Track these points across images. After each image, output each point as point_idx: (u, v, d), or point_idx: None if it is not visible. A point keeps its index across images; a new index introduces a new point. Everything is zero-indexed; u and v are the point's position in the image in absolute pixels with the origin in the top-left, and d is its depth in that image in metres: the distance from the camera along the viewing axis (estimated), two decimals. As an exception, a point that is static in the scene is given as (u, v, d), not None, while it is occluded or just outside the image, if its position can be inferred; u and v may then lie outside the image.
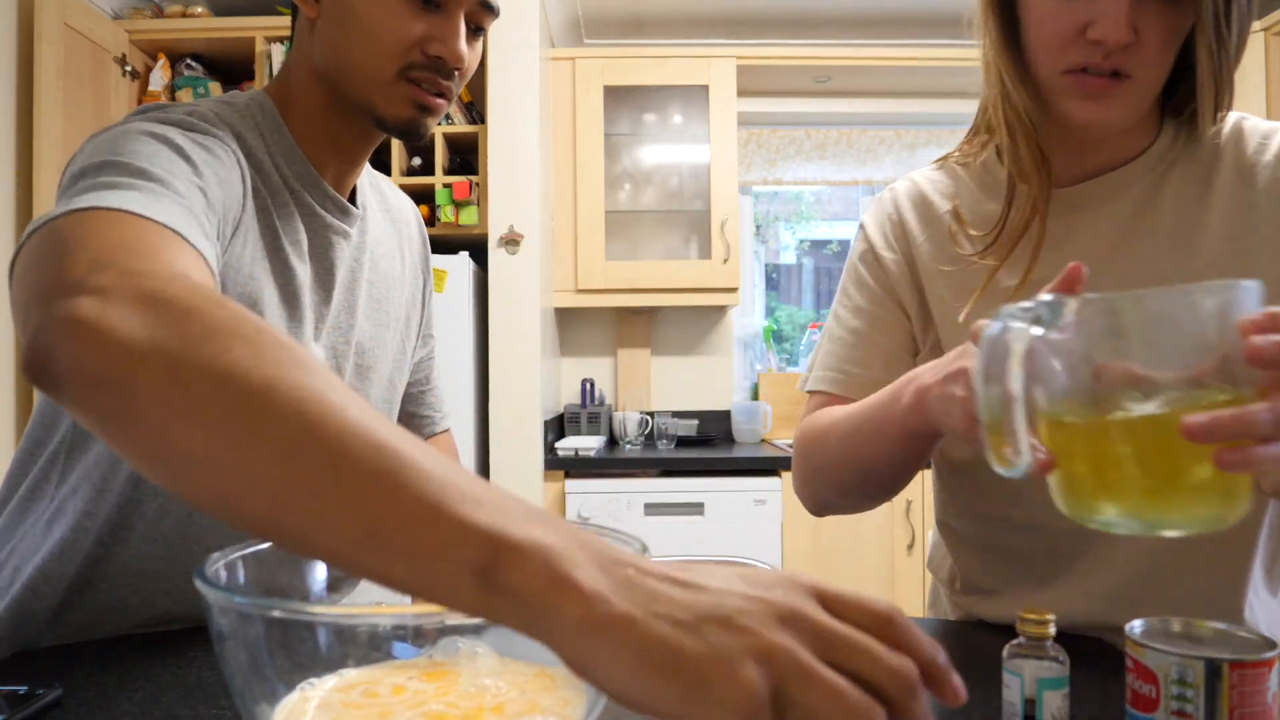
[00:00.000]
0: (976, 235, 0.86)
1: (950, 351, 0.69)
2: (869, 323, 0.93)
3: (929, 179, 0.94)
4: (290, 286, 0.82)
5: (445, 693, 0.52)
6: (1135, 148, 0.83)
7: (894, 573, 2.62)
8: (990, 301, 0.83)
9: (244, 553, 0.59)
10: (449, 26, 0.80)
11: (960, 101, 3.32)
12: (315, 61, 0.84)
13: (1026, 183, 0.82)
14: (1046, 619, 0.56)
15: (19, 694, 0.65)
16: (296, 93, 0.86)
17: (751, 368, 3.36)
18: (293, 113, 0.85)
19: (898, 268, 0.91)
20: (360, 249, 0.91)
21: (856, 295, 0.95)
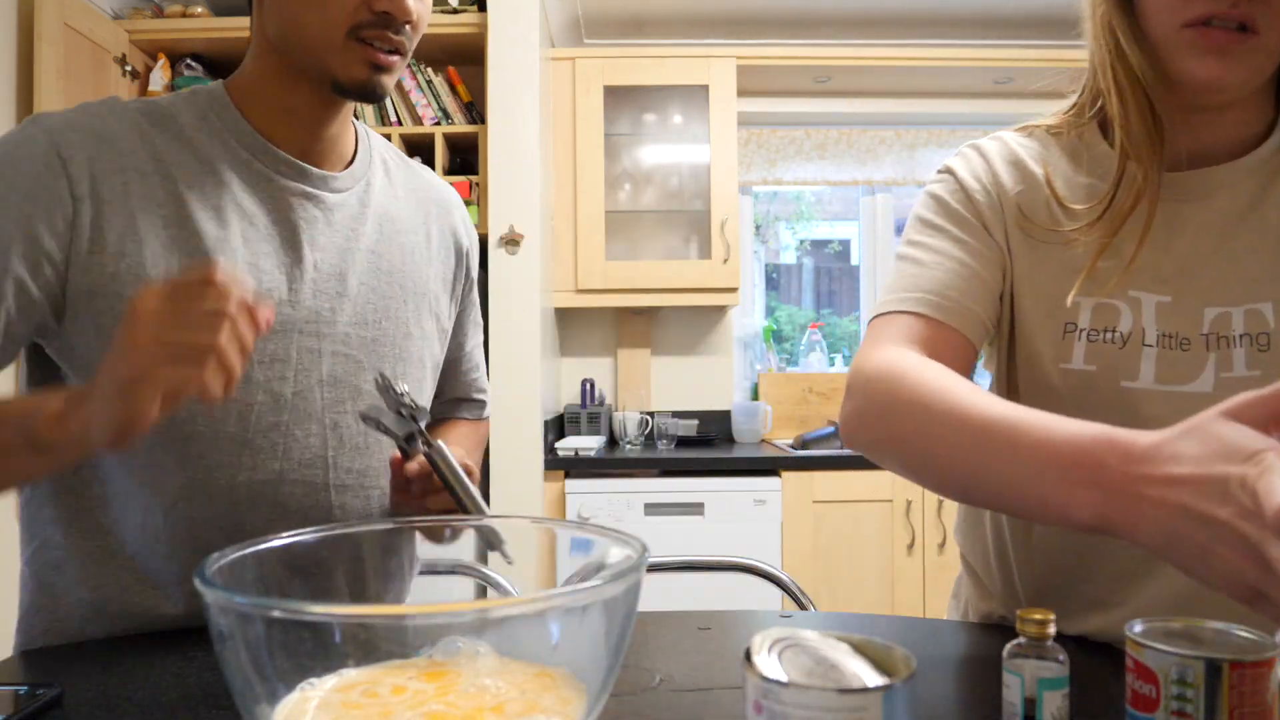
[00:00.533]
0: (1078, 209, 0.79)
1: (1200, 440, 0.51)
2: (967, 252, 0.81)
3: (1018, 141, 0.88)
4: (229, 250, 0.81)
5: (445, 693, 0.52)
6: (1245, 135, 0.78)
7: (894, 573, 2.62)
8: (1095, 283, 0.78)
9: (244, 553, 0.59)
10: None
11: (960, 101, 3.32)
12: (268, 33, 0.84)
13: (1137, 157, 0.75)
14: (1047, 619, 0.56)
15: (19, 693, 0.65)
16: (250, 71, 0.86)
17: (751, 368, 3.36)
18: (245, 91, 0.86)
19: (992, 211, 0.83)
20: (354, 215, 0.90)
21: (948, 225, 0.83)
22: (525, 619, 0.51)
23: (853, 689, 0.41)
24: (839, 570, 2.61)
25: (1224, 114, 0.77)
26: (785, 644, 0.46)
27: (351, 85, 0.82)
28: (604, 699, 0.53)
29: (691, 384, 3.29)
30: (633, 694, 0.69)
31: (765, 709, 0.42)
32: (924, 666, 0.75)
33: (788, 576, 1.25)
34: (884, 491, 2.62)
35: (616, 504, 2.56)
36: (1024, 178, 0.84)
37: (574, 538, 0.65)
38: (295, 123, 0.86)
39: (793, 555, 2.59)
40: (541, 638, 0.53)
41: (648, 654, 0.80)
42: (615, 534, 0.61)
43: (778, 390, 3.24)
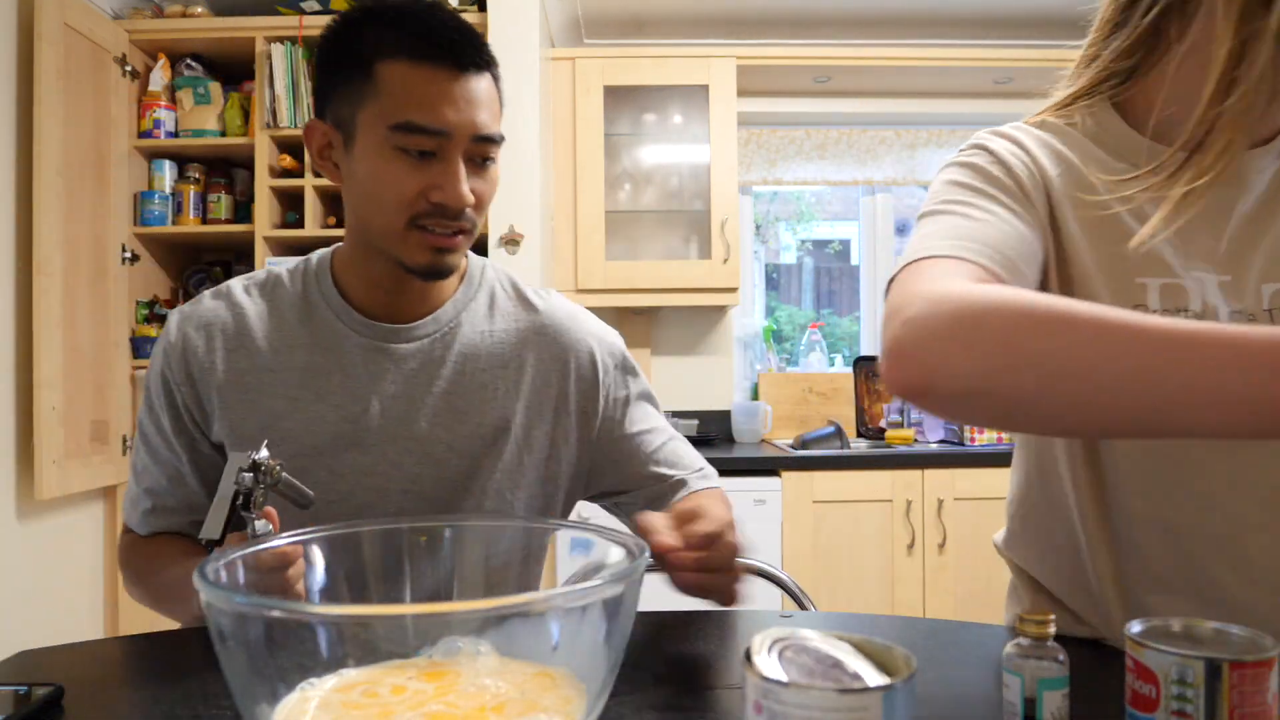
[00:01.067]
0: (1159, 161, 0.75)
1: None
2: (1016, 216, 0.75)
3: (1035, 132, 0.84)
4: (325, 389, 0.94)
5: (445, 693, 0.52)
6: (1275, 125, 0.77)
7: (894, 573, 2.62)
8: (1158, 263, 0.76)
9: (244, 553, 0.59)
10: (447, 173, 0.86)
11: (960, 101, 3.32)
12: (349, 220, 0.95)
13: (1234, 123, 0.70)
14: (1047, 619, 0.56)
15: (19, 693, 0.65)
16: (345, 244, 0.98)
17: (751, 368, 3.36)
18: (342, 262, 0.98)
19: (1033, 185, 0.78)
20: (428, 361, 0.97)
21: (991, 189, 0.76)
22: (525, 619, 0.52)
23: (853, 689, 0.41)
24: (839, 570, 2.61)
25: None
26: (785, 644, 0.46)
27: (416, 268, 0.90)
28: (604, 699, 0.53)
29: (691, 384, 3.29)
30: (633, 694, 0.69)
31: (765, 709, 0.42)
32: (924, 666, 0.75)
33: (788, 576, 1.25)
34: (884, 491, 2.62)
35: (616, 504, 2.56)
36: (1060, 159, 0.80)
37: (574, 538, 0.65)
38: (379, 290, 0.96)
39: (793, 555, 2.59)
40: (541, 638, 0.53)
41: (648, 654, 0.80)
42: (615, 534, 0.61)
43: (778, 390, 3.24)
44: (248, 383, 0.94)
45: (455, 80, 0.86)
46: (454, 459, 0.96)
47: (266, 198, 2.60)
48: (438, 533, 0.71)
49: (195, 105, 2.66)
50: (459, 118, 0.85)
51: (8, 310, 2.19)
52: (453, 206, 0.86)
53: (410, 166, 0.86)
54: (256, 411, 0.94)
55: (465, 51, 0.86)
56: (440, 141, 0.86)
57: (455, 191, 0.86)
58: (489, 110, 0.88)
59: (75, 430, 2.28)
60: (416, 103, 0.85)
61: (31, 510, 2.23)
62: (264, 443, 0.79)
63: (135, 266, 2.60)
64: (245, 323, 0.96)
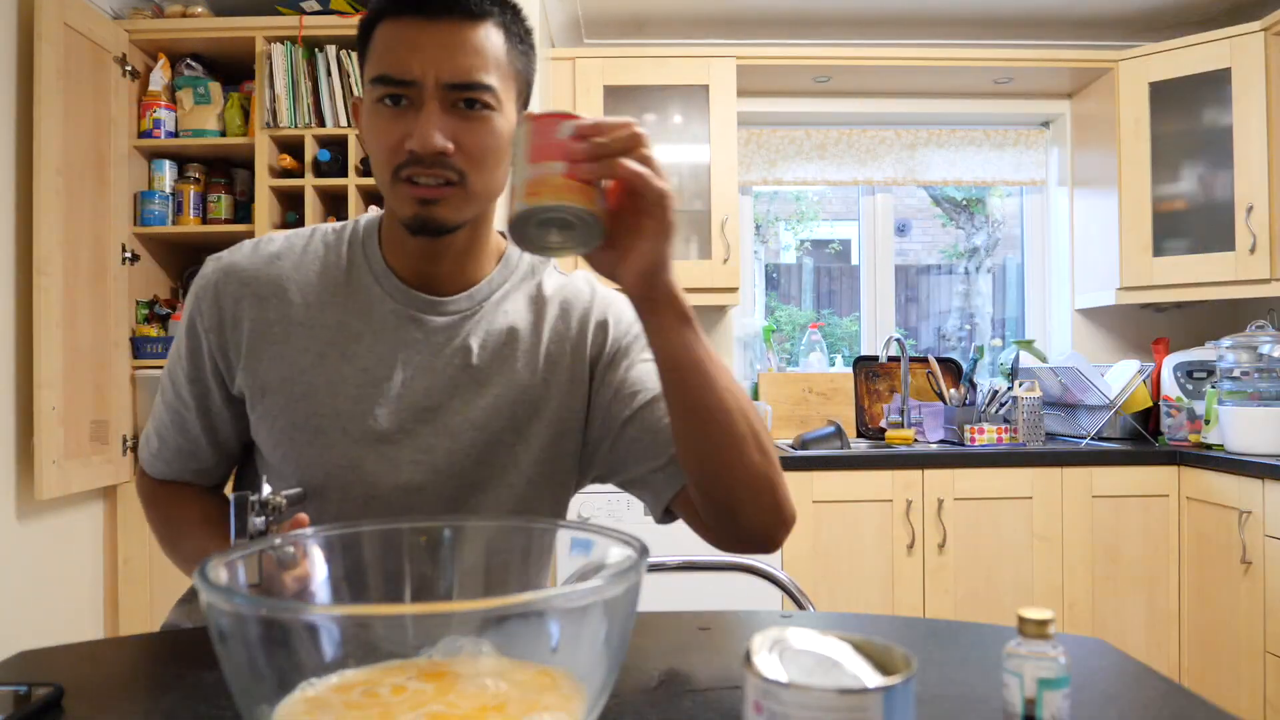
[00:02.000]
0: None
1: None
2: None
3: None
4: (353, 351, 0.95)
5: (445, 693, 0.52)
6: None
7: (894, 573, 2.62)
8: None
9: (244, 553, 0.59)
10: (419, 118, 0.85)
11: (960, 101, 3.32)
12: None
13: None
14: (1046, 619, 0.56)
15: (19, 693, 0.65)
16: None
17: (751, 368, 3.36)
18: (385, 224, 0.99)
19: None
20: (455, 335, 0.97)
21: None
22: (525, 619, 0.51)
23: (853, 689, 0.41)
24: (839, 570, 2.61)
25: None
26: (785, 644, 0.46)
27: (405, 222, 0.90)
28: (604, 699, 0.53)
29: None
30: (633, 694, 0.69)
31: (765, 709, 0.42)
32: (924, 666, 0.75)
33: (787, 576, 1.25)
34: (884, 491, 2.62)
35: (616, 504, 2.56)
36: None
37: (574, 538, 0.65)
38: (406, 254, 0.96)
39: (793, 555, 2.59)
40: (541, 638, 0.53)
41: (648, 654, 0.80)
42: (615, 534, 0.61)
43: (777, 390, 3.24)
44: (275, 334, 0.95)
45: (424, 29, 0.86)
46: (469, 432, 0.96)
47: (266, 198, 2.60)
48: (437, 533, 0.71)
49: (195, 105, 2.66)
50: (425, 64, 0.85)
51: (8, 310, 2.19)
52: (421, 152, 0.85)
53: (390, 117, 0.87)
54: (281, 363, 0.94)
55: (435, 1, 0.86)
56: (412, 90, 0.86)
57: (422, 136, 0.84)
58: (472, 57, 0.86)
59: (75, 430, 2.28)
60: (388, 54, 0.86)
61: (31, 510, 2.23)
62: (264, 479, 0.80)
63: (135, 266, 2.60)
64: (280, 275, 0.97)
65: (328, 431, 0.94)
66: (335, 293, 0.96)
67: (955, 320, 3.70)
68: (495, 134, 0.89)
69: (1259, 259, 2.71)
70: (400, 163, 0.86)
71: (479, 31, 0.87)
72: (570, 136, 0.73)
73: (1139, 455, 2.66)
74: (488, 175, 0.90)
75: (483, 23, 0.88)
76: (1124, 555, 2.64)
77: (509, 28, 0.91)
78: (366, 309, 0.96)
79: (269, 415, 0.95)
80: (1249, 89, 2.73)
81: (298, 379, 0.94)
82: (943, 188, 3.59)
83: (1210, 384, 2.73)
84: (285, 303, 0.95)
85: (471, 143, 0.87)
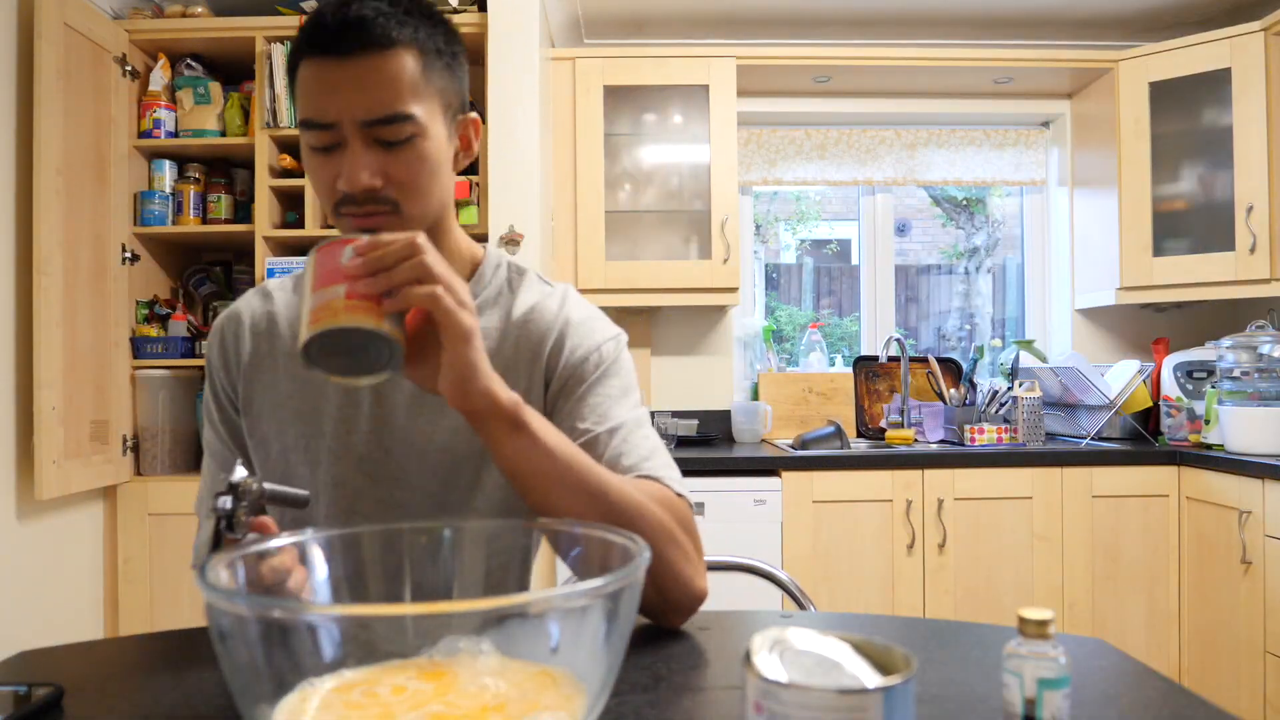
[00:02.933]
0: None
1: None
2: None
3: None
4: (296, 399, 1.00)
5: (445, 692, 0.52)
6: None
7: (894, 573, 2.62)
8: None
9: (244, 553, 0.59)
10: (344, 160, 0.86)
11: (960, 101, 3.32)
12: None
13: None
14: (1046, 619, 0.56)
15: (19, 693, 0.65)
16: None
17: (751, 368, 3.36)
18: None
19: None
20: None
21: None
22: (525, 619, 0.51)
23: (853, 689, 0.41)
24: (839, 570, 2.61)
25: None
26: (785, 644, 0.46)
27: None
28: (604, 699, 0.53)
29: (691, 384, 3.29)
30: (633, 694, 0.69)
31: (765, 709, 0.42)
32: (924, 666, 0.75)
33: (788, 576, 1.25)
34: (884, 491, 2.62)
35: (616, 504, 2.56)
36: None
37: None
38: None
39: (793, 555, 2.59)
40: (541, 638, 0.53)
41: (648, 654, 0.80)
42: (616, 534, 0.61)
43: (778, 390, 3.24)
44: (267, 364, 1.01)
45: (337, 68, 0.85)
46: (434, 454, 0.97)
47: (266, 197, 2.60)
48: (438, 533, 0.71)
49: (195, 105, 2.66)
50: (342, 106, 0.85)
51: (8, 310, 2.19)
52: (351, 192, 0.86)
53: (321, 160, 0.88)
54: (273, 391, 1.00)
55: (347, 36, 0.84)
56: (334, 132, 0.86)
57: (349, 177, 0.85)
58: (386, 89, 0.85)
59: (75, 430, 2.28)
60: (308, 98, 0.86)
61: (31, 510, 2.23)
62: (237, 462, 0.79)
63: (135, 266, 2.60)
64: (271, 311, 1.03)
65: (316, 451, 0.98)
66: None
67: (955, 320, 3.70)
68: (423, 159, 0.89)
69: (1259, 259, 2.71)
70: (337, 200, 0.88)
71: (391, 62, 0.86)
72: (349, 259, 0.72)
73: (1139, 455, 2.66)
74: (422, 200, 0.91)
75: (394, 51, 0.86)
76: (1124, 555, 2.64)
77: (424, 45, 0.89)
78: None
79: (265, 441, 1.00)
80: (1249, 89, 2.73)
81: (286, 404, 0.99)
82: (943, 188, 3.58)
83: (1210, 384, 2.73)
84: (275, 335, 1.02)
85: (400, 173, 0.88)
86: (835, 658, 0.45)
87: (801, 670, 0.44)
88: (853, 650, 0.46)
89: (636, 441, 0.96)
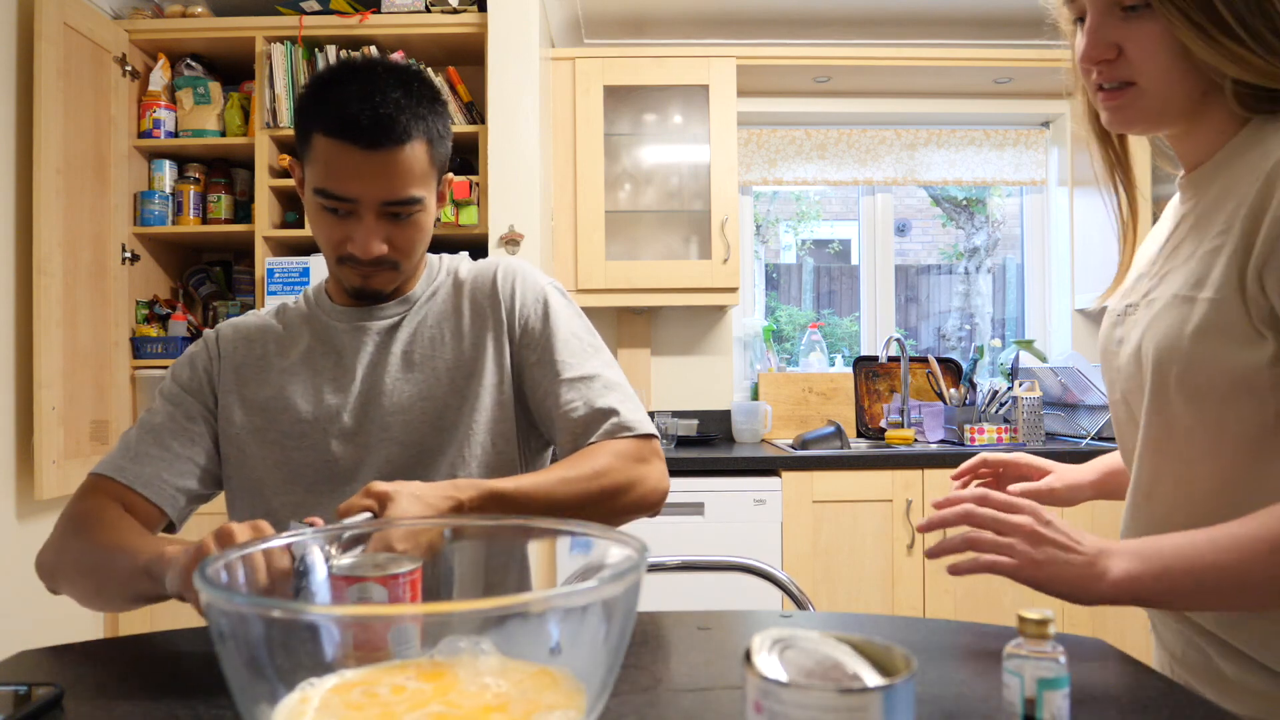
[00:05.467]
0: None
1: None
2: None
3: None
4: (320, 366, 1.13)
5: (445, 692, 0.52)
6: (1203, 157, 0.90)
7: (894, 573, 2.62)
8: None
9: (244, 553, 0.59)
10: (359, 228, 1.02)
11: (960, 101, 3.32)
12: None
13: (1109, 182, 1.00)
14: (1046, 619, 0.56)
15: (19, 693, 0.65)
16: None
17: (751, 368, 3.36)
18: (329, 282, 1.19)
19: None
20: (391, 329, 1.13)
21: None
22: (525, 619, 0.51)
23: (853, 689, 0.41)
24: (839, 570, 2.61)
25: (1183, 141, 0.91)
26: (785, 644, 0.46)
27: (351, 292, 1.10)
28: (604, 699, 0.53)
29: (691, 384, 3.28)
30: (633, 694, 0.69)
31: (765, 709, 0.42)
32: (924, 666, 0.75)
33: (787, 576, 1.25)
34: (884, 491, 2.62)
35: (616, 504, 2.56)
36: None
37: (574, 538, 0.65)
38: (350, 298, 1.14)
39: (793, 555, 2.59)
40: (541, 638, 0.53)
41: (648, 654, 0.80)
42: (615, 534, 0.61)
43: (778, 390, 3.24)
44: (259, 365, 1.13)
45: (365, 158, 0.98)
46: (418, 404, 1.09)
47: (266, 197, 2.60)
48: (438, 533, 0.71)
49: (195, 105, 2.66)
50: (365, 190, 0.99)
51: (8, 310, 2.19)
52: (362, 258, 1.02)
53: (332, 222, 1.02)
54: (266, 386, 1.11)
55: (376, 132, 0.97)
56: (351, 205, 1.00)
57: (363, 246, 1.01)
58: (403, 179, 1.00)
59: (75, 430, 2.28)
60: (331, 174, 0.99)
61: (31, 510, 2.23)
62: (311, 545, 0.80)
63: (135, 266, 2.60)
64: (262, 323, 1.17)
65: (310, 434, 1.09)
66: (299, 328, 1.15)
67: (955, 320, 3.70)
68: (421, 228, 1.06)
69: (1259, 259, 2.71)
70: (342, 256, 1.04)
71: (406, 153, 1.00)
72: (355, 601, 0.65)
73: (1139, 455, 2.66)
74: (415, 258, 1.09)
75: (411, 145, 1.00)
76: (1124, 555, 2.64)
77: (431, 134, 1.03)
78: (325, 334, 1.14)
79: (260, 429, 1.10)
80: (1249, 89, 2.73)
81: (280, 395, 1.10)
82: (943, 188, 3.58)
83: (1210, 384, 2.73)
84: (264, 342, 1.15)
85: (402, 241, 1.04)
86: (835, 658, 0.45)
87: (801, 670, 0.44)
88: (853, 650, 0.46)
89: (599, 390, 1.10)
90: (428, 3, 2.63)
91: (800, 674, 0.43)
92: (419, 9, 2.62)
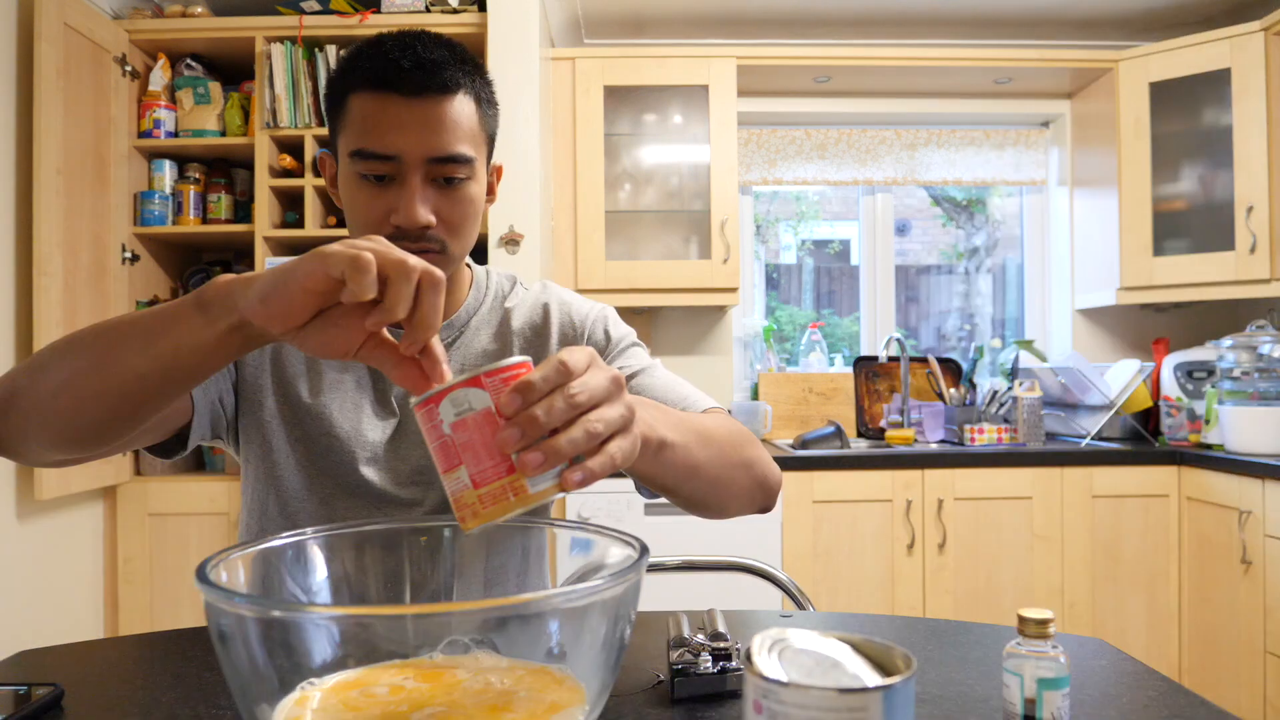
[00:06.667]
0: None
1: None
2: None
3: None
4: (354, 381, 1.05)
5: (445, 692, 0.52)
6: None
7: (894, 573, 2.62)
8: None
9: (245, 552, 0.59)
10: (403, 196, 0.90)
11: (960, 101, 3.32)
12: None
13: None
14: (1046, 619, 0.56)
15: (19, 693, 0.65)
16: None
17: (751, 368, 3.36)
18: None
19: None
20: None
21: None
22: (525, 619, 0.51)
23: (853, 689, 0.41)
24: (839, 570, 2.61)
25: None
26: (785, 644, 0.46)
27: None
28: (604, 699, 0.53)
29: (692, 384, 3.28)
30: (633, 694, 0.69)
31: (765, 709, 0.42)
32: (924, 666, 0.75)
33: (787, 576, 1.25)
34: (884, 491, 2.62)
35: (616, 504, 2.56)
36: None
37: (574, 538, 0.65)
38: None
39: (793, 555, 2.59)
40: (541, 638, 0.53)
41: (648, 654, 0.80)
42: (615, 534, 0.61)
43: (778, 390, 3.24)
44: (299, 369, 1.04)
45: (407, 106, 0.89)
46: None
47: (266, 197, 2.60)
48: (438, 533, 0.71)
49: (195, 105, 2.66)
50: (409, 143, 0.89)
51: (8, 310, 2.19)
52: (407, 228, 0.89)
53: (372, 192, 0.91)
54: (304, 389, 1.03)
55: (417, 77, 0.88)
56: (394, 166, 0.90)
57: (408, 212, 0.89)
58: (451, 132, 0.90)
59: (75, 430, 2.28)
60: (369, 129, 0.89)
61: (31, 510, 2.23)
62: None
63: (135, 266, 2.60)
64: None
65: (337, 450, 1.01)
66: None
67: (955, 320, 3.70)
68: (471, 202, 0.95)
69: (1259, 259, 2.71)
70: (386, 236, 0.90)
71: (454, 104, 0.91)
72: (453, 422, 0.56)
73: (1139, 455, 2.66)
74: (465, 241, 0.96)
75: (456, 95, 0.91)
76: (1124, 555, 2.64)
77: (479, 93, 0.95)
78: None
79: (286, 422, 1.03)
80: (1249, 89, 2.73)
81: (314, 401, 1.02)
82: (943, 188, 3.58)
83: (1210, 384, 2.73)
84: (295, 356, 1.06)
85: (451, 213, 0.93)
86: (835, 658, 0.45)
87: (801, 670, 0.44)
88: (853, 650, 0.46)
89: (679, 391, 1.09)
90: (428, 3, 2.63)
91: (800, 674, 0.43)
92: (419, 9, 2.62)
